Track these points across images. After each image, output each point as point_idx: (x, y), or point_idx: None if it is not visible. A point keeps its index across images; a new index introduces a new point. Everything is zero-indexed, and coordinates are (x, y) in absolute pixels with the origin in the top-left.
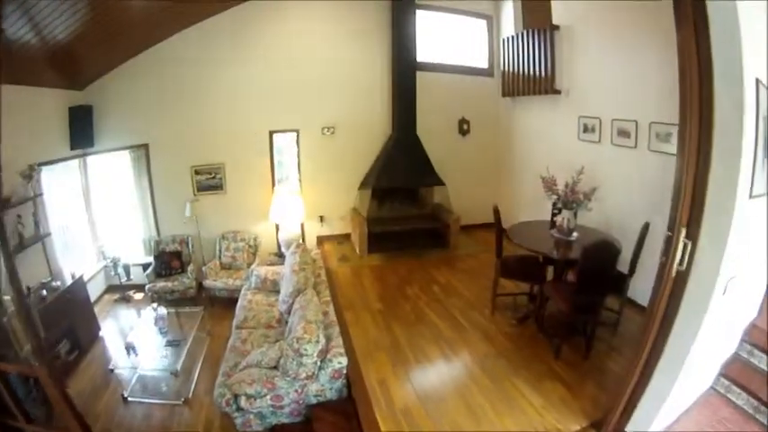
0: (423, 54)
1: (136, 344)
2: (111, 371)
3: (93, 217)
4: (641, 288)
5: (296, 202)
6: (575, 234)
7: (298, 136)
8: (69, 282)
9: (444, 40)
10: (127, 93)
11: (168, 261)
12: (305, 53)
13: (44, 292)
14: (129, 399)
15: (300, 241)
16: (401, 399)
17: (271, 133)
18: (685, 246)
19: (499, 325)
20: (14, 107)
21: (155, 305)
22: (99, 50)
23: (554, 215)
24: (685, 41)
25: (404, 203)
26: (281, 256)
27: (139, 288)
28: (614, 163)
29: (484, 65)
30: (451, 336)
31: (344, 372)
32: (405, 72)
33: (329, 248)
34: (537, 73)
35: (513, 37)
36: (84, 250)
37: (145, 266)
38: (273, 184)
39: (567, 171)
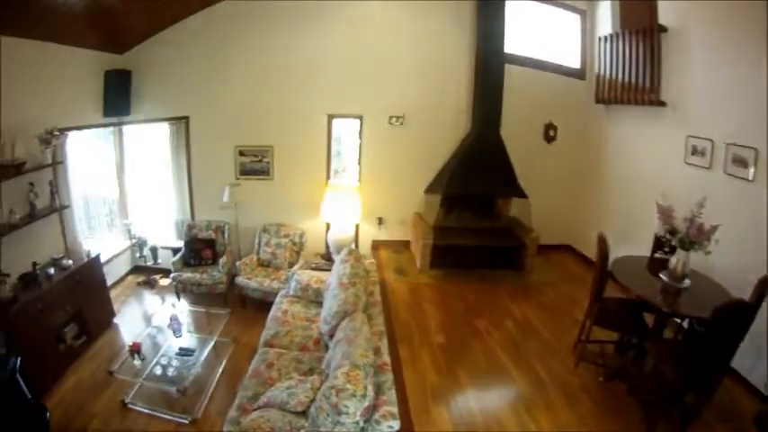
0: (509, 44)
1: (143, 347)
2: (110, 373)
3: (125, 192)
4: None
5: (353, 199)
6: (686, 281)
7: (361, 123)
8: (85, 260)
9: (534, 31)
10: (170, 60)
11: (199, 249)
12: (375, 31)
13: (52, 269)
14: (130, 405)
15: (353, 246)
16: None
17: (330, 117)
18: None
19: (583, 379)
20: (45, 66)
21: (173, 302)
22: (143, 12)
23: (656, 251)
24: None
25: (476, 214)
26: (328, 259)
27: (167, 273)
28: (725, 196)
29: (575, 65)
30: (529, 393)
31: None
32: (491, 63)
33: (385, 257)
34: (638, 80)
35: (610, 36)
36: (111, 227)
37: (175, 251)
38: (328, 176)
39: (668, 198)
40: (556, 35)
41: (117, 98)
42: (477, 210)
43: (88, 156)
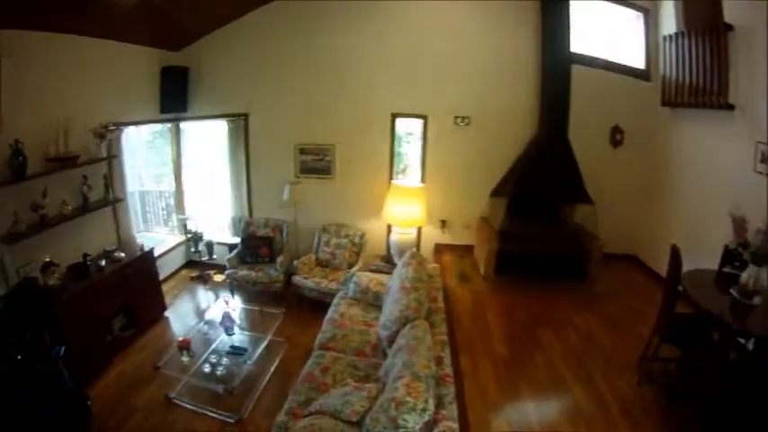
0: (573, 43)
1: (193, 343)
2: (157, 368)
3: (182, 187)
4: None
5: (417, 200)
6: (757, 298)
7: (425, 123)
8: (138, 253)
9: (596, 29)
10: (228, 57)
11: (256, 247)
12: (440, 30)
13: (103, 261)
14: (174, 400)
15: (415, 249)
16: None
17: (393, 116)
18: None
19: (646, 399)
20: (101, 62)
21: (227, 299)
22: (199, 9)
23: (724, 265)
24: None
25: (541, 220)
26: (389, 262)
27: (221, 269)
28: None
29: (640, 65)
30: (591, 411)
31: None
32: (557, 64)
33: (448, 261)
34: (704, 82)
35: (674, 35)
36: (167, 221)
37: (231, 247)
38: (391, 177)
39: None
40: (619, 34)
41: (173, 95)
42: (543, 216)
43: (145, 151)
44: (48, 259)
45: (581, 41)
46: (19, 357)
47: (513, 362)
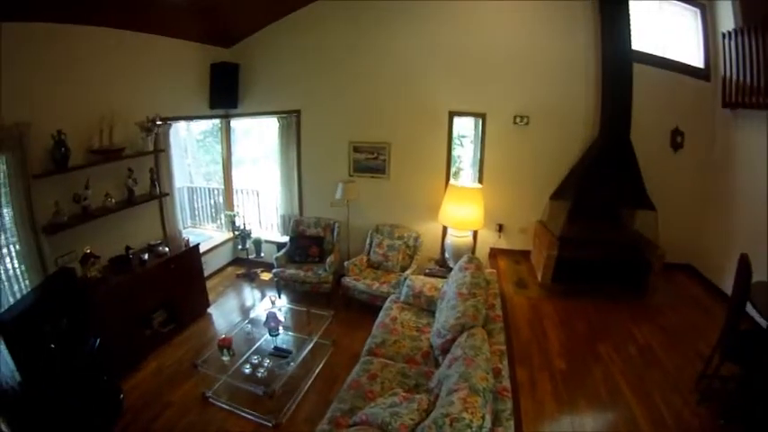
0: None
1: (234, 342)
2: (195, 366)
3: (231, 184)
4: None
5: (474, 203)
6: None
7: (483, 122)
8: (183, 248)
9: (653, 27)
10: (280, 54)
11: (306, 246)
12: (497, 27)
13: (146, 255)
14: (211, 399)
15: (472, 254)
16: None
17: (451, 115)
18: None
19: (704, 419)
20: (151, 58)
21: (273, 298)
22: (250, 5)
23: None
24: None
25: (601, 226)
26: (443, 265)
27: (269, 267)
28: None
29: (699, 64)
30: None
31: None
32: (618, 62)
33: (503, 266)
34: (765, 81)
35: (732, 32)
36: (215, 218)
37: (279, 246)
38: (447, 178)
39: None
40: (675, 31)
41: (223, 91)
42: (603, 222)
43: (195, 149)
44: (88, 251)
45: (637, 39)
46: (52, 346)
47: (572, 375)
